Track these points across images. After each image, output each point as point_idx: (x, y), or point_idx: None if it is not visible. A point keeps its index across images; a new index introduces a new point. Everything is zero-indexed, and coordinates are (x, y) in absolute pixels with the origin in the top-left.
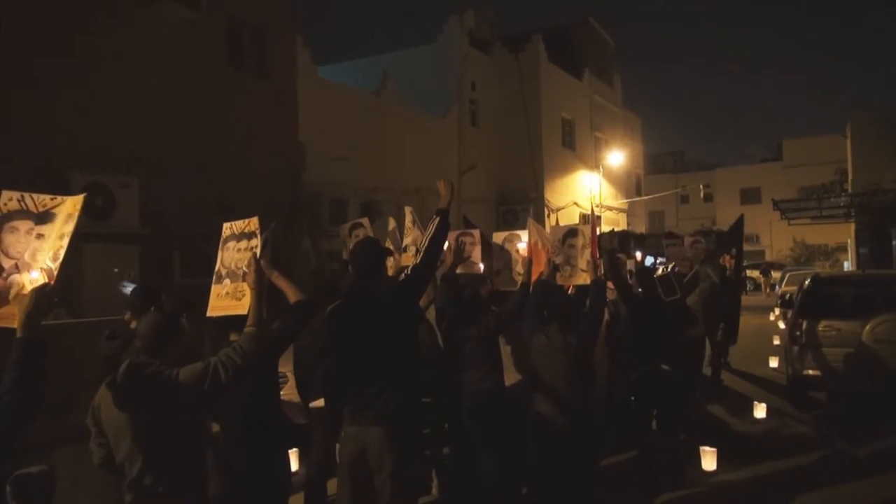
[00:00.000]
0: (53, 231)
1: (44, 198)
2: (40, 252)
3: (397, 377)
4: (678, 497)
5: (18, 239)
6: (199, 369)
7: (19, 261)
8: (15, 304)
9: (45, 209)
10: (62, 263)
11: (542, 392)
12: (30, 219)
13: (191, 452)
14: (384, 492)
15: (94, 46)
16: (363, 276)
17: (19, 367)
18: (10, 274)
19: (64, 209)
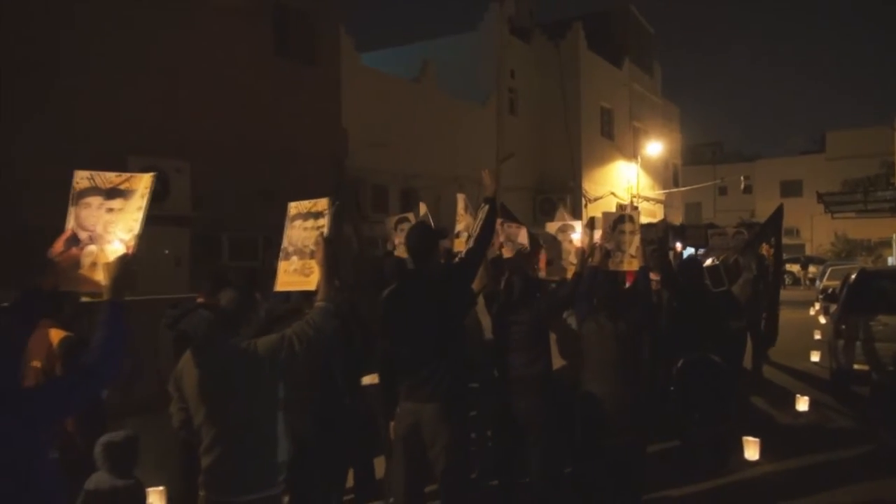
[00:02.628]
0: (125, 206)
1: (111, 175)
2: (111, 225)
3: (450, 357)
4: (721, 485)
5: (91, 213)
6: (275, 341)
7: (93, 233)
8: (91, 270)
9: (113, 186)
10: (137, 236)
11: (590, 377)
12: (100, 195)
13: (264, 420)
14: (438, 464)
15: (148, 36)
16: (417, 259)
17: (107, 326)
18: (85, 245)
19: (132, 186)
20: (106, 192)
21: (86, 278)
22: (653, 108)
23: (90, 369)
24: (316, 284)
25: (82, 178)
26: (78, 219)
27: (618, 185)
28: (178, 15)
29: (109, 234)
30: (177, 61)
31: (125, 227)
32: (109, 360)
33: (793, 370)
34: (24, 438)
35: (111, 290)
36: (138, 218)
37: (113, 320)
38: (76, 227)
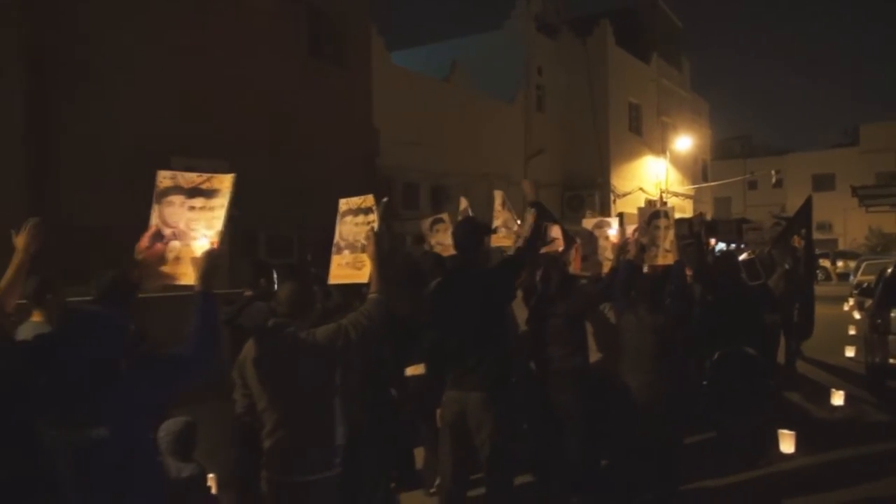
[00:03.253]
0: (206, 204)
1: (192, 175)
2: (194, 222)
3: (495, 347)
4: (757, 477)
5: (174, 211)
6: (333, 330)
7: (175, 230)
8: (175, 264)
9: (194, 185)
10: (220, 232)
11: (628, 369)
12: (182, 194)
13: (321, 406)
14: (483, 450)
15: (188, 41)
16: (465, 253)
17: (201, 316)
18: (169, 240)
19: (212, 185)
20: (188, 191)
21: (170, 272)
22: (681, 103)
23: (189, 356)
24: (367, 277)
25: (165, 177)
26: (161, 216)
27: (646, 181)
28: (216, 19)
29: (192, 230)
30: (215, 64)
31: (207, 224)
32: (206, 347)
33: (827, 365)
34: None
35: (202, 283)
36: (221, 216)
37: (206, 310)
38: (160, 224)
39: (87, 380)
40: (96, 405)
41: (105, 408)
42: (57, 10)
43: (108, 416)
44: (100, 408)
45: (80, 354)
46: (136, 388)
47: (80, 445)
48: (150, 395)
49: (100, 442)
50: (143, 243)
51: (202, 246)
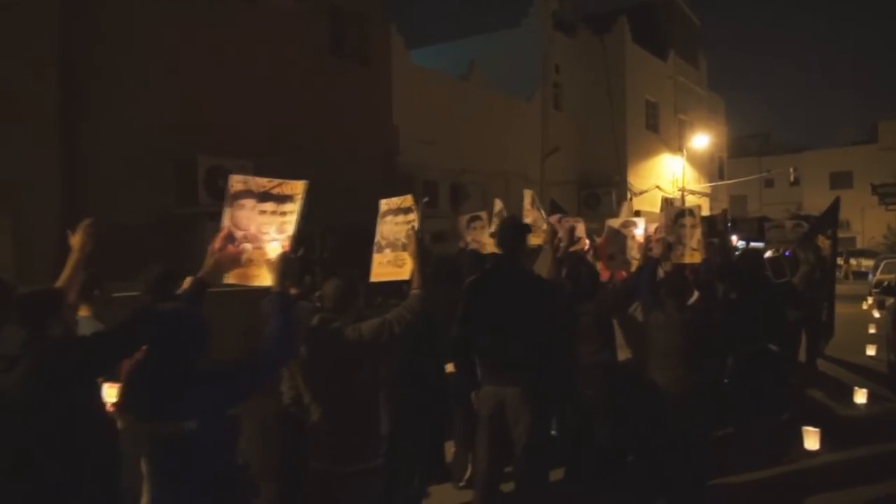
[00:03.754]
0: (277, 209)
1: (263, 181)
2: (265, 226)
3: (533, 343)
4: (782, 474)
5: (245, 214)
6: (377, 325)
7: (247, 232)
8: (247, 266)
9: (265, 190)
10: (292, 237)
11: (656, 366)
12: (253, 198)
13: (366, 399)
14: (520, 443)
15: (213, 42)
16: (507, 251)
17: (279, 315)
18: (241, 242)
19: (283, 190)
20: (259, 195)
21: (242, 273)
22: (698, 101)
23: (270, 354)
24: (409, 274)
25: (237, 181)
26: (233, 219)
27: (663, 179)
28: (239, 20)
29: (263, 234)
30: (239, 64)
31: (278, 228)
32: (285, 346)
33: (848, 363)
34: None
35: (278, 283)
36: (292, 221)
37: (282, 310)
38: (232, 227)
39: (174, 375)
40: (184, 400)
41: (192, 402)
42: (88, 13)
43: (195, 411)
44: (187, 402)
45: (166, 350)
46: (221, 384)
47: (167, 439)
48: (234, 391)
49: (188, 435)
50: (215, 245)
51: (274, 249)
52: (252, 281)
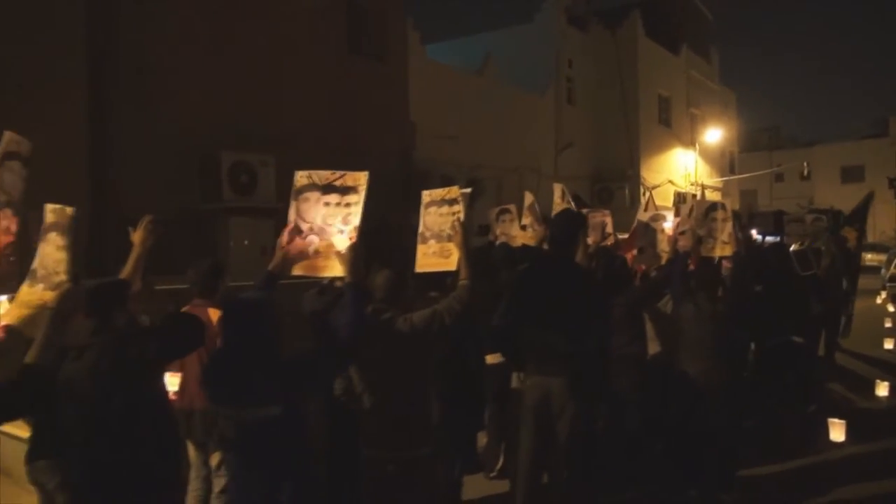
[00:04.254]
0: (341, 200)
1: (326, 173)
2: (330, 217)
3: (581, 335)
4: (809, 464)
5: (310, 207)
6: (428, 315)
7: (313, 225)
8: (314, 257)
9: (328, 182)
10: (357, 227)
11: (687, 358)
12: (317, 191)
13: (417, 388)
14: (563, 434)
15: (236, 41)
16: (560, 243)
17: (353, 306)
18: (307, 235)
19: (345, 182)
20: (322, 188)
21: (311, 264)
22: (710, 95)
23: (345, 342)
24: (455, 265)
25: (302, 176)
26: (299, 212)
27: (675, 173)
28: (261, 18)
29: (329, 225)
30: (261, 62)
31: (343, 219)
32: (359, 334)
33: (866, 357)
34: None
35: (351, 275)
36: (357, 212)
37: (355, 301)
38: (298, 220)
39: (258, 362)
40: (268, 386)
41: (276, 389)
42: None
43: (279, 397)
44: (271, 389)
45: (249, 339)
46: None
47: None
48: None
49: (273, 421)
50: (283, 239)
51: (343, 241)
52: (321, 272)
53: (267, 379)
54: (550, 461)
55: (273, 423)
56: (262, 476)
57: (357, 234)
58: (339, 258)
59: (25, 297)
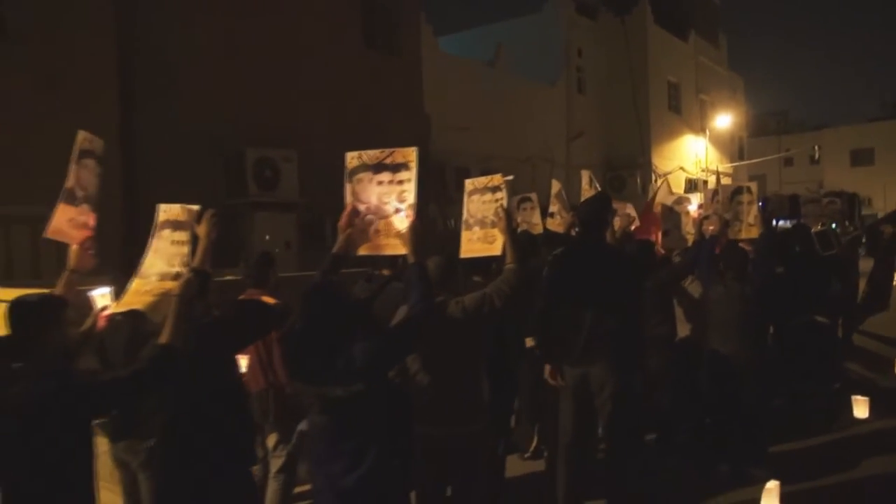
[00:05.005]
0: (394, 178)
1: (375, 152)
2: (385, 196)
3: (616, 317)
4: (835, 440)
5: (364, 188)
6: (479, 298)
7: (369, 204)
8: (375, 236)
9: (378, 161)
10: (413, 205)
11: (717, 338)
12: (369, 171)
13: (470, 368)
14: (605, 410)
15: (255, 37)
16: (591, 228)
17: (419, 284)
18: (365, 215)
19: (395, 159)
20: (373, 167)
21: (373, 244)
22: (719, 81)
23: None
24: (500, 250)
25: (352, 157)
26: (354, 194)
27: (686, 160)
28: (281, 16)
29: (385, 204)
30: (282, 60)
31: (398, 197)
32: (428, 312)
33: (883, 338)
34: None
35: (413, 254)
36: (411, 189)
37: (420, 279)
38: (355, 201)
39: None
40: (352, 364)
41: (358, 366)
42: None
43: (361, 374)
44: (354, 367)
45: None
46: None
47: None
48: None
49: (357, 397)
50: (343, 221)
51: (402, 220)
52: (383, 251)
53: (350, 358)
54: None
55: (358, 399)
56: (348, 445)
57: (414, 211)
58: (400, 238)
59: (141, 288)
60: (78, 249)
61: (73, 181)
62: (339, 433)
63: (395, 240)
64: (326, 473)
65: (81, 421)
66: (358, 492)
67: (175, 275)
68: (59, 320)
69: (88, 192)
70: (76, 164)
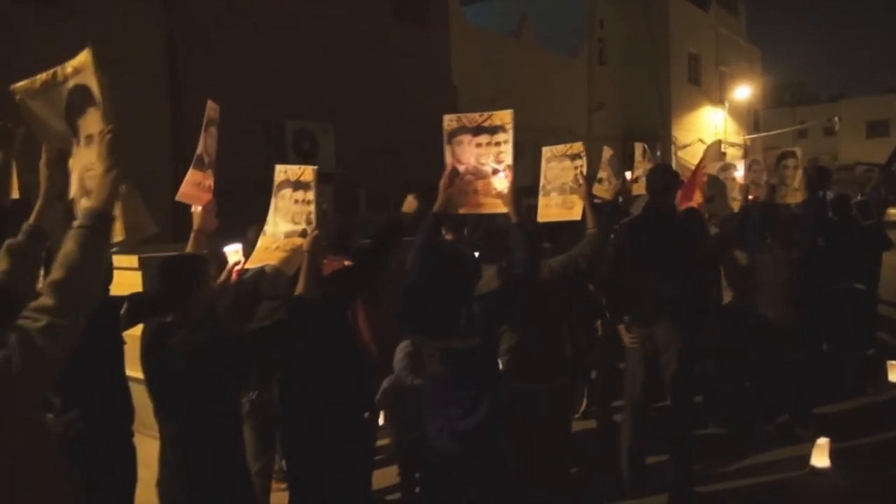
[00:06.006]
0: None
1: (475, 115)
2: (483, 157)
3: (683, 281)
4: (873, 402)
5: (464, 149)
6: (565, 260)
7: (468, 165)
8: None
9: (477, 124)
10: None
11: (766, 303)
12: (468, 133)
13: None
14: (669, 367)
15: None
16: (658, 196)
17: (523, 245)
18: (465, 175)
19: (493, 122)
20: (472, 129)
21: (473, 202)
22: (738, 52)
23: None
24: (580, 215)
25: (451, 120)
26: (454, 155)
27: (705, 132)
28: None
29: (482, 164)
30: (313, 30)
31: (495, 158)
32: (529, 270)
33: None
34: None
35: (515, 215)
36: (508, 150)
37: (526, 238)
38: (454, 162)
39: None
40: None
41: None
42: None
43: (478, 328)
44: (473, 321)
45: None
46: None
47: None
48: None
49: (476, 349)
50: (444, 181)
51: (501, 180)
52: (483, 209)
53: (469, 312)
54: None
55: (476, 351)
56: (465, 393)
57: (512, 172)
58: (502, 199)
59: (270, 245)
60: (202, 212)
61: (201, 147)
62: (457, 381)
63: (494, 199)
64: (445, 416)
65: (231, 369)
66: (473, 433)
67: (302, 231)
68: (205, 276)
69: (212, 158)
70: (205, 131)
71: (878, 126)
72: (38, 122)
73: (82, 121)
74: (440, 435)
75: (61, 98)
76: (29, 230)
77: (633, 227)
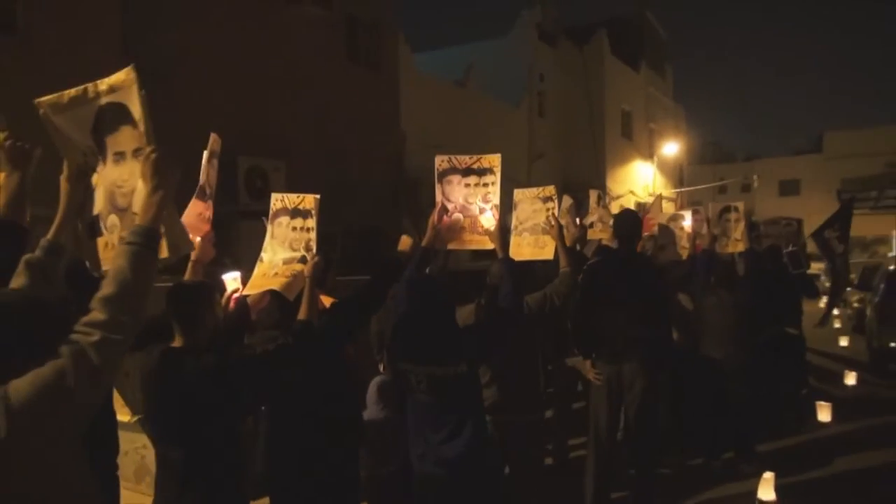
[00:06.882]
0: (479, 181)
1: (465, 158)
2: (471, 196)
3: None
4: (804, 441)
5: (453, 189)
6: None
7: (456, 204)
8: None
9: (467, 166)
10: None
11: (712, 344)
12: (458, 173)
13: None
14: (632, 407)
15: (245, 47)
16: (627, 241)
17: (508, 277)
18: (453, 213)
19: (482, 164)
20: (462, 170)
21: (461, 239)
22: (665, 110)
23: (509, 310)
24: (552, 254)
25: (441, 161)
26: (444, 193)
27: (636, 184)
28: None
29: (470, 204)
30: (269, 72)
31: (482, 198)
32: (517, 305)
33: (825, 353)
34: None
35: (501, 249)
36: (495, 191)
37: (510, 274)
38: (444, 200)
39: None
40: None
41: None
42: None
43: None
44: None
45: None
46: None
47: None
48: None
49: (461, 376)
50: (434, 218)
51: (488, 218)
52: (470, 245)
53: (455, 340)
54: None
55: (461, 378)
56: (450, 418)
57: (498, 211)
58: (489, 236)
59: (269, 272)
60: (201, 242)
61: (204, 178)
62: (442, 407)
63: (480, 236)
64: (427, 441)
65: (238, 393)
66: (459, 459)
67: (301, 258)
68: (212, 302)
69: (213, 189)
70: (207, 163)
71: (790, 185)
72: (61, 136)
73: (112, 138)
74: (423, 461)
75: (90, 114)
76: (47, 246)
77: (598, 271)
